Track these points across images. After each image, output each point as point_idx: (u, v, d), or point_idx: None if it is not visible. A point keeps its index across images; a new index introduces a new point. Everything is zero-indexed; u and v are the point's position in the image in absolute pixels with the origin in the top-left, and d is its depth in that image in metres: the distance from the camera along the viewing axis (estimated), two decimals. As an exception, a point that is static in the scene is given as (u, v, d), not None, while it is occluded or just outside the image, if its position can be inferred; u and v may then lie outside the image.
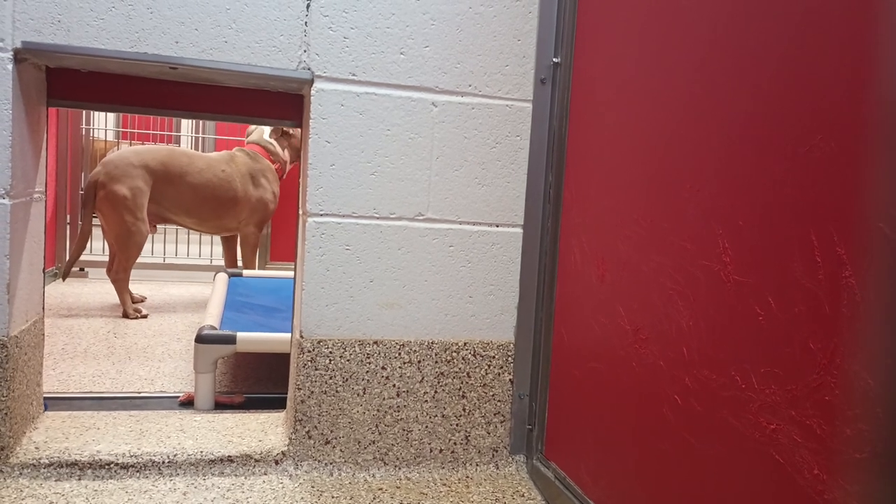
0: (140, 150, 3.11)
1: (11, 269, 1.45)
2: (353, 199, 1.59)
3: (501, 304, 1.70)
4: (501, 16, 1.62)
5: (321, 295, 1.59)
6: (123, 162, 3.03)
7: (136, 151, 3.09)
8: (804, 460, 0.84)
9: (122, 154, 3.07)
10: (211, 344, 1.95)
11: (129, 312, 3.07)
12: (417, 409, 1.66)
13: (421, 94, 1.60)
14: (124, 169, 3.02)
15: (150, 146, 3.19)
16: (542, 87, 1.66)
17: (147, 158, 3.09)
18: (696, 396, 1.06)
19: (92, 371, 2.23)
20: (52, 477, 1.47)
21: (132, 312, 3.08)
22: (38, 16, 1.41)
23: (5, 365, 1.44)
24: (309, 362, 1.59)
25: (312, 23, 1.53)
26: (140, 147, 3.15)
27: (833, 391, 0.80)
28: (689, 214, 1.10)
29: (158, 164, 3.11)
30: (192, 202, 3.23)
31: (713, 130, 1.05)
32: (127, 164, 3.03)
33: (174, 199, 3.18)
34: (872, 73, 0.76)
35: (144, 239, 3.08)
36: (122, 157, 3.04)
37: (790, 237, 0.88)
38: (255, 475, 1.56)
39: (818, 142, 0.84)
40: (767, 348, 0.91)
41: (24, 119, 1.48)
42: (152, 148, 3.17)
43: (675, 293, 1.13)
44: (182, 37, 1.47)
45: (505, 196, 1.68)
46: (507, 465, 1.71)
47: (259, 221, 3.49)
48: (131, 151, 3.08)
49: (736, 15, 1.01)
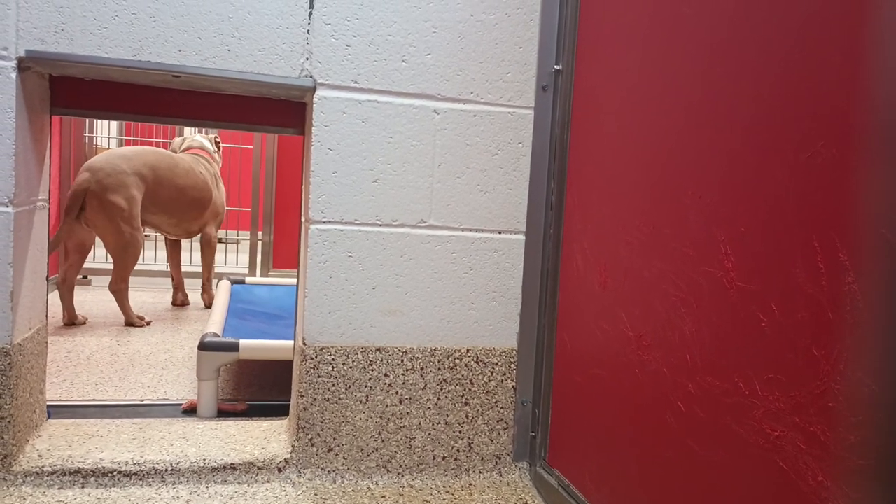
0: (129, 156, 3.02)
1: (15, 277, 1.45)
2: (355, 207, 1.59)
3: (504, 310, 1.70)
4: (503, 23, 1.63)
5: (324, 302, 1.59)
6: (115, 170, 2.93)
7: (125, 157, 3.00)
8: (808, 467, 0.84)
9: (112, 161, 2.96)
10: (214, 351, 1.95)
11: (133, 321, 3.05)
12: (420, 416, 1.66)
13: (423, 102, 1.60)
14: (118, 178, 2.93)
15: (134, 149, 3.09)
16: (544, 94, 1.67)
17: (138, 165, 3.02)
18: (700, 403, 1.05)
19: (95, 379, 2.23)
20: (56, 485, 1.46)
21: (137, 321, 3.06)
22: (41, 24, 1.41)
23: (8, 373, 1.44)
24: (312, 369, 1.59)
25: (315, 31, 1.54)
26: (126, 151, 3.05)
27: (837, 398, 0.80)
28: (691, 220, 1.10)
29: (149, 169, 3.06)
30: (178, 203, 3.21)
31: (715, 137, 1.05)
32: (120, 173, 2.94)
33: (160, 201, 3.14)
34: (874, 79, 0.76)
35: (141, 248, 3.04)
36: (112, 165, 2.94)
37: (793, 243, 0.88)
38: (258, 483, 1.56)
39: (820, 148, 0.84)
40: (770, 355, 0.91)
41: (28, 127, 1.49)
42: (139, 151, 3.08)
43: (678, 299, 1.12)
44: (185, 45, 1.48)
45: (507, 203, 1.68)
46: (511, 473, 1.71)
47: (219, 224, 3.53)
48: (120, 157, 2.98)
49: (737, 21, 1.01)
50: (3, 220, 1.42)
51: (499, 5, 1.62)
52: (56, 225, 3.95)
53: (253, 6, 1.50)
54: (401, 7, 1.57)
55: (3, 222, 1.42)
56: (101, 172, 2.91)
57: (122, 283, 3.03)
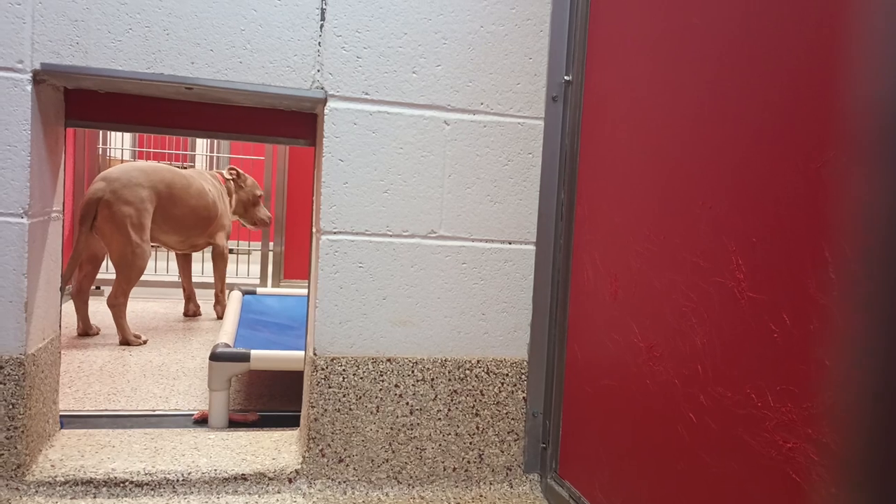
0: (146, 170, 3.04)
1: (29, 288, 1.46)
2: (365, 217, 1.60)
3: (514, 321, 1.70)
4: (513, 34, 1.63)
5: (334, 312, 1.59)
6: (131, 181, 2.95)
7: (143, 170, 3.03)
8: (821, 479, 0.83)
9: (128, 173, 2.97)
10: (225, 362, 1.96)
11: (129, 339, 2.94)
12: (431, 427, 1.65)
13: (433, 113, 1.61)
14: (133, 189, 2.94)
15: (152, 164, 3.13)
16: (554, 104, 1.67)
17: (154, 180, 3.04)
18: (711, 414, 1.05)
19: (107, 389, 2.24)
20: (68, 495, 1.47)
21: (133, 339, 2.95)
22: (56, 38, 1.43)
23: (22, 383, 1.45)
24: (322, 380, 1.59)
25: (326, 43, 1.55)
26: (143, 165, 3.08)
27: (850, 409, 0.79)
28: (702, 231, 1.09)
29: (165, 185, 3.08)
30: (187, 222, 3.22)
31: (724, 146, 1.05)
32: (136, 185, 2.95)
33: (171, 219, 3.15)
34: (885, 87, 0.76)
35: (146, 263, 3.00)
36: (129, 177, 2.96)
37: (804, 253, 0.87)
38: (269, 493, 1.56)
39: (830, 157, 0.84)
40: (783, 365, 0.90)
41: (43, 140, 1.50)
42: (156, 167, 3.11)
43: (689, 310, 1.12)
44: (198, 57, 1.50)
45: (517, 213, 1.68)
46: (521, 484, 1.70)
47: (227, 234, 3.56)
48: (138, 171, 3.01)
49: (746, 30, 1.01)
50: (18, 231, 1.43)
51: (508, 16, 1.63)
52: (70, 236, 3.99)
53: (265, 19, 1.52)
54: (411, 19, 1.58)
55: (18, 233, 1.43)
56: (116, 182, 2.92)
57: (122, 297, 2.94)
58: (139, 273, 2.98)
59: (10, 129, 1.42)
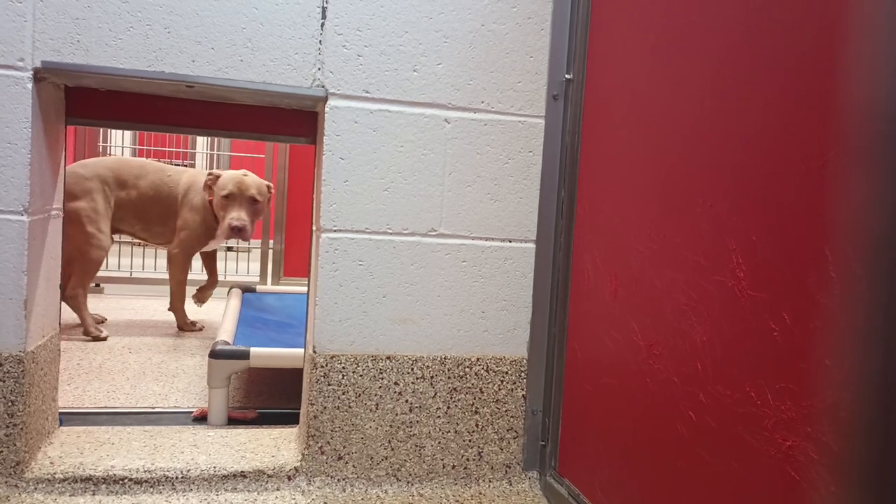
0: (87, 164, 3.02)
1: (28, 286, 1.46)
2: (366, 215, 1.60)
3: (514, 319, 1.70)
4: (514, 33, 1.63)
5: (334, 310, 1.59)
6: (76, 176, 2.93)
7: (83, 165, 3.00)
8: (820, 477, 0.83)
9: (71, 170, 2.95)
10: (224, 359, 1.96)
11: (90, 331, 2.91)
12: (430, 424, 1.66)
13: (434, 111, 1.61)
14: (79, 183, 2.92)
15: (96, 158, 3.11)
16: (555, 103, 1.67)
17: (98, 169, 3.01)
18: (711, 413, 1.05)
19: (107, 386, 2.24)
20: (67, 492, 1.47)
21: (93, 330, 2.91)
22: (57, 36, 1.43)
23: (21, 380, 1.46)
24: (322, 378, 1.59)
25: (326, 41, 1.55)
26: (84, 161, 3.06)
27: (849, 407, 0.79)
28: (703, 229, 1.10)
29: (108, 170, 3.04)
30: (142, 206, 3.12)
31: (725, 145, 1.05)
32: (80, 179, 2.93)
33: (124, 204, 3.08)
34: (886, 87, 0.76)
35: (105, 253, 2.96)
36: (72, 174, 2.93)
37: (804, 252, 0.88)
38: (268, 491, 1.56)
39: (832, 156, 0.84)
40: (782, 364, 0.90)
41: (43, 137, 1.50)
42: (100, 159, 3.10)
43: (689, 308, 1.12)
44: (198, 55, 1.50)
45: (517, 211, 1.68)
46: (521, 482, 1.70)
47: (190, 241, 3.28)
48: (79, 166, 2.99)
49: (747, 29, 1.01)
50: (18, 228, 1.43)
51: (509, 15, 1.63)
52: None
53: (266, 17, 1.52)
54: (412, 17, 1.58)
55: (18, 231, 1.43)
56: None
57: (81, 288, 2.92)
58: (97, 265, 2.96)
59: (10, 127, 1.42)
